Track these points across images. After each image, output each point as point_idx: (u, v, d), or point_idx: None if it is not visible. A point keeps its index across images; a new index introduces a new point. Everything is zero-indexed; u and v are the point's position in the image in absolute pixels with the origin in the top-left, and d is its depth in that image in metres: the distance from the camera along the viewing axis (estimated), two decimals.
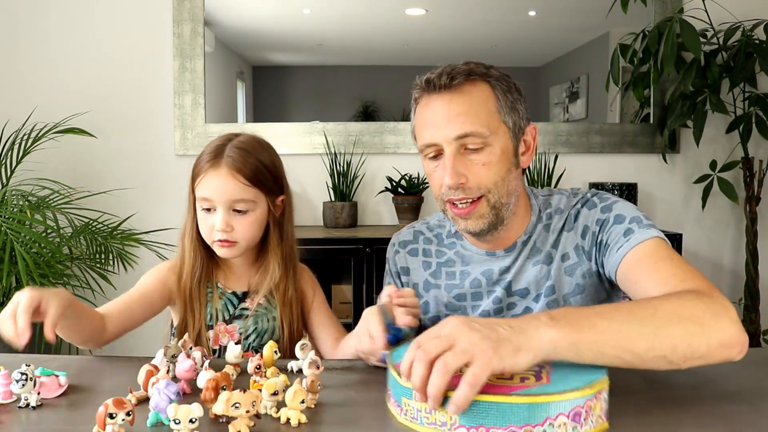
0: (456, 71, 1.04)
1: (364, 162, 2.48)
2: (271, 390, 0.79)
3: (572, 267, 1.10)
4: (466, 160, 1.03)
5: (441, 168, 1.05)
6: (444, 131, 1.03)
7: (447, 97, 1.04)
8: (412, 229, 1.26)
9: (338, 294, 2.41)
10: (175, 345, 0.95)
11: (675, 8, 2.40)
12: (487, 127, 1.03)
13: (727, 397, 0.86)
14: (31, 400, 0.83)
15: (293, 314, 1.23)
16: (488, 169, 1.03)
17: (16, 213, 1.95)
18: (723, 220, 2.51)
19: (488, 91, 1.05)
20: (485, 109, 1.04)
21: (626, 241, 1.01)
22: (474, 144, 1.03)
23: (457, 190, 1.04)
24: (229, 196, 1.13)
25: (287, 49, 2.57)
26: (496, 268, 1.14)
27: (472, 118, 1.02)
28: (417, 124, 1.09)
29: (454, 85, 1.03)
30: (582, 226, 1.10)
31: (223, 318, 1.21)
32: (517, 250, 1.13)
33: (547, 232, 1.13)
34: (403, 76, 2.60)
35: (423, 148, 1.07)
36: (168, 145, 2.46)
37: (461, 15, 2.49)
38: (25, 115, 2.27)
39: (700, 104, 2.19)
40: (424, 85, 1.06)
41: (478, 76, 1.05)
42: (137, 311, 1.15)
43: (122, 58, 2.45)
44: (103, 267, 2.22)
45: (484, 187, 1.04)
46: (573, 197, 1.14)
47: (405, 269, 1.23)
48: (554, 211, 1.14)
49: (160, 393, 0.76)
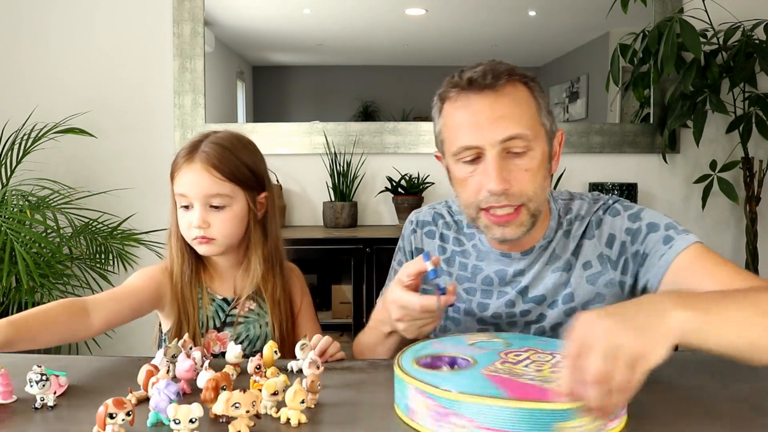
0: (498, 70, 0.98)
1: (364, 162, 2.48)
2: (271, 390, 0.79)
3: (595, 276, 1.07)
4: (510, 165, 0.98)
5: (481, 173, 0.99)
6: (488, 133, 0.96)
7: (490, 98, 0.98)
8: (433, 211, 1.21)
9: (338, 294, 2.41)
10: (175, 345, 0.95)
11: (675, 8, 2.40)
12: (531, 130, 0.98)
13: (727, 397, 0.86)
14: (49, 400, 0.83)
15: (283, 314, 1.21)
16: (531, 176, 0.99)
17: (16, 213, 1.95)
18: (723, 220, 2.51)
19: (527, 92, 1.01)
20: (528, 112, 0.99)
21: (669, 249, 0.99)
22: (518, 148, 0.98)
23: (500, 196, 0.98)
24: (204, 191, 1.12)
25: (287, 49, 2.57)
26: (510, 270, 1.10)
27: (516, 121, 0.97)
28: (450, 125, 1.02)
29: (498, 85, 0.98)
30: (607, 234, 1.07)
31: (214, 325, 1.19)
32: (535, 254, 1.09)
33: (567, 238, 1.09)
34: (403, 76, 2.62)
35: (460, 150, 0.99)
36: (168, 145, 2.46)
37: (461, 15, 2.49)
38: (25, 115, 2.27)
39: (700, 104, 2.19)
40: (466, 84, 0.99)
41: (518, 77, 1.00)
42: (126, 309, 1.11)
43: (122, 58, 2.45)
44: (103, 267, 2.22)
45: (525, 195, 0.99)
46: (594, 203, 1.11)
47: (420, 250, 1.19)
48: (575, 217, 1.10)
49: (160, 393, 0.76)
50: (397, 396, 0.80)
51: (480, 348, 0.86)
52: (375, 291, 2.14)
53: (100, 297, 1.09)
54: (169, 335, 1.18)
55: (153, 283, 1.17)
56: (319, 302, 2.42)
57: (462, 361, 0.81)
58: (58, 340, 1.02)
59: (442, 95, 1.04)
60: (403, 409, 0.78)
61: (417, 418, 0.75)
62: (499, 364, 0.78)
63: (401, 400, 0.78)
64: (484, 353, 0.83)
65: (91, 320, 1.04)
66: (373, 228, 2.40)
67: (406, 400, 0.76)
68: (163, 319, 1.23)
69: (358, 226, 2.41)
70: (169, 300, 1.18)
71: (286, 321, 1.22)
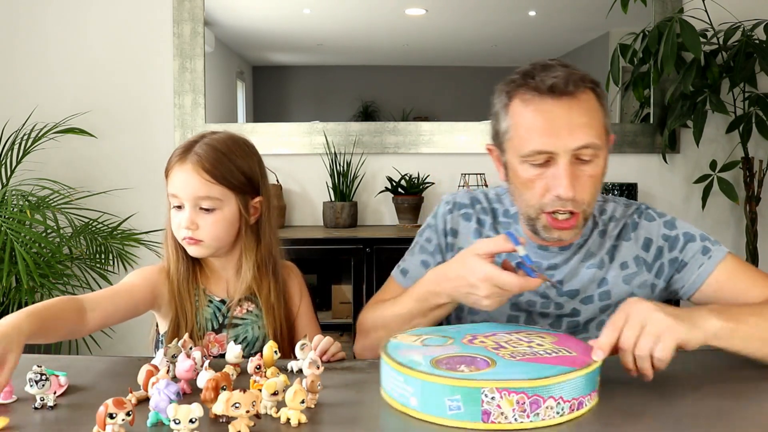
0: (575, 77, 0.99)
1: (364, 162, 2.48)
2: (271, 390, 0.79)
3: (630, 276, 1.12)
4: (578, 171, 1.00)
5: (550, 178, 1.00)
6: (564, 141, 0.98)
7: (567, 105, 0.98)
8: (470, 195, 1.22)
9: (338, 294, 2.41)
10: (175, 345, 0.94)
11: (675, 8, 2.40)
12: (600, 139, 1.00)
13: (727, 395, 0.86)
14: (48, 400, 0.83)
15: (276, 319, 1.20)
16: (593, 182, 1.02)
17: (16, 213, 1.95)
18: (723, 220, 2.51)
19: (596, 99, 1.02)
20: (598, 120, 1.01)
21: (708, 259, 1.08)
22: (587, 155, 1.00)
23: (567, 201, 1.00)
24: (194, 193, 1.12)
25: (287, 49, 2.57)
26: (544, 263, 1.13)
27: (591, 130, 0.99)
28: (521, 126, 1.02)
29: (576, 92, 0.99)
30: (643, 238, 1.13)
31: (212, 327, 1.19)
32: (572, 251, 1.13)
33: (602, 238, 1.14)
34: (403, 76, 2.62)
35: (532, 154, 1.00)
36: (168, 145, 2.45)
37: (461, 15, 2.49)
38: (25, 115, 2.27)
39: (700, 104, 2.19)
40: (547, 90, 0.99)
41: (589, 83, 1.01)
42: (122, 308, 1.10)
43: (122, 58, 2.45)
44: (103, 267, 2.22)
45: (585, 202, 1.02)
46: (627, 207, 1.16)
47: (454, 231, 1.19)
48: (609, 218, 1.15)
49: (160, 393, 0.76)
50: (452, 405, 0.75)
51: (439, 345, 0.86)
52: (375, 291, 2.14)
53: (97, 295, 1.09)
54: (167, 336, 1.18)
55: (148, 283, 1.16)
56: (319, 302, 2.42)
57: (482, 362, 0.79)
58: (60, 336, 1.02)
59: (510, 93, 1.03)
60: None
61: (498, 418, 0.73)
62: (508, 353, 0.82)
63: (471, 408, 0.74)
64: (475, 347, 0.85)
65: (86, 318, 1.03)
66: (373, 228, 2.40)
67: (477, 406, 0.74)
68: (160, 321, 1.23)
69: (358, 226, 2.41)
70: (166, 300, 1.17)
71: (281, 325, 1.21)
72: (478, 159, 2.46)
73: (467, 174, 2.36)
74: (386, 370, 0.82)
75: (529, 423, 0.73)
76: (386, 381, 0.83)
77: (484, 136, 2.47)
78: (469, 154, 2.48)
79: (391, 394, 0.81)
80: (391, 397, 0.81)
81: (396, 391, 0.80)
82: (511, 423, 0.73)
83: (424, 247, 1.22)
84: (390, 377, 0.81)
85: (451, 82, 2.58)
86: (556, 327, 1.14)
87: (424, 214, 2.45)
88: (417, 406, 0.77)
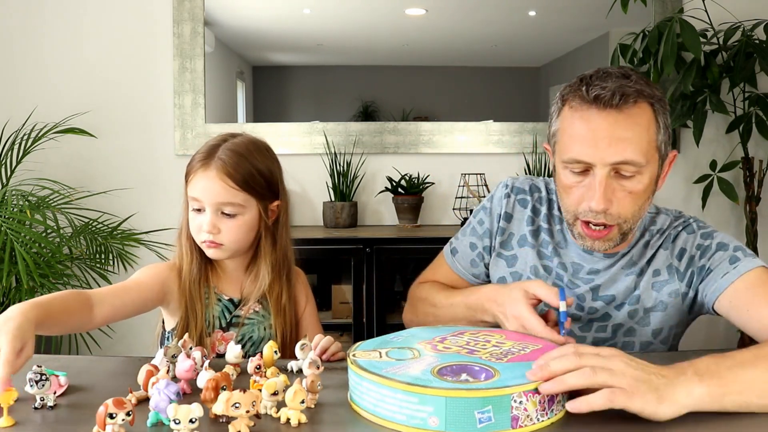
0: (627, 90, 0.97)
1: (364, 162, 2.48)
2: (271, 390, 0.79)
3: (661, 284, 1.11)
4: (615, 185, 1.00)
5: (587, 187, 1.01)
6: (602, 153, 0.97)
7: (612, 118, 0.97)
8: (531, 182, 1.23)
9: (338, 294, 2.41)
10: (175, 345, 0.94)
11: (675, 8, 2.40)
12: (644, 156, 0.99)
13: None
14: (48, 400, 0.83)
15: (286, 321, 1.21)
16: (633, 199, 1.01)
17: (16, 213, 1.95)
18: (723, 220, 2.51)
19: (651, 115, 1.00)
20: (646, 137, 0.99)
21: (733, 268, 1.03)
22: (628, 171, 0.99)
23: (599, 213, 1.00)
24: (217, 199, 1.12)
25: (287, 49, 2.57)
26: (586, 266, 1.14)
27: (633, 146, 0.97)
28: (566, 131, 1.03)
29: (623, 106, 0.97)
30: (679, 247, 1.12)
31: (219, 325, 1.19)
32: (616, 259, 1.13)
33: (645, 248, 1.13)
34: (403, 76, 2.62)
35: (571, 161, 1.01)
36: (168, 145, 2.46)
37: (461, 15, 2.49)
38: (25, 115, 2.27)
39: (700, 104, 2.19)
40: (592, 99, 0.98)
41: (645, 98, 0.99)
42: (130, 304, 1.11)
43: (122, 58, 2.45)
44: (103, 267, 2.22)
45: (623, 217, 1.02)
46: (675, 220, 1.15)
47: (508, 215, 1.20)
48: (657, 230, 1.14)
49: (160, 393, 0.76)
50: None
51: (406, 358, 0.82)
52: (375, 291, 2.14)
53: (105, 291, 1.09)
54: (175, 333, 1.18)
55: (158, 280, 1.17)
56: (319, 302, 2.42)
57: (480, 370, 0.78)
58: (65, 329, 1.03)
59: (564, 97, 1.05)
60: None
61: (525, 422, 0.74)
62: (490, 355, 0.83)
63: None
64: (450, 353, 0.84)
65: (93, 313, 1.04)
66: (373, 228, 2.40)
67: None
68: (167, 317, 1.23)
69: (358, 226, 2.41)
70: (175, 297, 1.18)
71: (290, 327, 1.22)
72: (478, 159, 2.46)
73: (467, 174, 2.36)
74: (387, 393, 0.74)
75: (547, 420, 0.75)
76: (386, 405, 0.74)
77: (484, 136, 2.49)
78: (469, 154, 2.48)
79: (397, 419, 0.74)
80: (397, 422, 0.74)
81: (404, 414, 0.73)
82: (535, 423, 0.74)
83: (475, 229, 1.23)
84: (393, 401, 0.74)
85: (451, 82, 2.58)
86: (585, 331, 1.14)
87: (424, 214, 2.45)
88: (440, 426, 0.71)
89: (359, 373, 0.79)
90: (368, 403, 0.77)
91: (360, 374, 0.78)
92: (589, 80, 1.00)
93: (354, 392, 0.81)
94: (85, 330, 1.07)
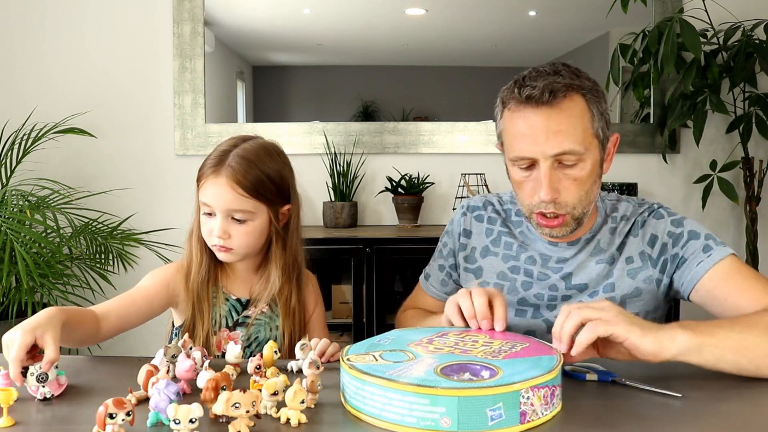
0: (556, 86, 1.04)
1: (364, 162, 2.48)
2: (271, 390, 0.79)
3: (635, 270, 1.14)
4: (560, 175, 1.06)
5: (534, 181, 1.08)
6: (542, 147, 1.04)
7: (546, 114, 1.04)
8: (484, 198, 1.31)
9: (338, 294, 2.41)
10: (175, 345, 0.95)
11: (675, 8, 2.40)
12: (582, 144, 1.05)
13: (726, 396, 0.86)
14: (47, 397, 0.84)
15: (295, 324, 1.22)
16: (579, 185, 1.07)
17: (16, 213, 1.95)
18: (723, 220, 2.51)
19: (583, 105, 1.06)
20: (581, 126, 1.05)
21: (707, 257, 1.08)
22: (569, 161, 1.05)
23: (550, 203, 1.07)
24: (227, 206, 1.13)
25: (287, 49, 2.57)
26: (554, 256, 1.18)
27: (570, 137, 1.04)
28: (508, 132, 1.10)
29: (555, 101, 1.04)
30: (649, 234, 1.15)
31: (226, 324, 1.20)
32: (580, 246, 1.17)
33: (612, 235, 1.17)
34: (403, 76, 2.62)
35: (516, 158, 1.08)
36: (168, 145, 2.46)
37: (461, 15, 2.49)
38: (25, 115, 2.27)
39: (700, 104, 2.19)
40: (524, 99, 1.05)
41: (575, 90, 1.05)
42: (136, 313, 1.14)
43: (122, 58, 2.45)
44: (103, 267, 2.22)
45: (571, 204, 1.08)
46: (639, 206, 1.19)
47: (467, 231, 1.27)
48: (621, 217, 1.18)
49: (160, 393, 0.76)
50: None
51: (402, 360, 0.81)
52: (375, 291, 2.14)
53: (107, 304, 1.12)
54: (183, 331, 1.19)
55: (164, 284, 1.19)
56: None
57: (480, 368, 0.78)
58: (79, 339, 1.04)
59: (503, 99, 1.11)
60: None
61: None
62: (484, 353, 0.84)
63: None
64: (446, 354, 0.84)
65: (101, 326, 1.07)
66: (373, 228, 2.40)
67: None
68: (176, 315, 1.25)
69: (358, 226, 2.41)
70: (183, 298, 1.19)
71: (298, 331, 1.23)
72: (478, 159, 2.46)
73: (467, 174, 2.36)
74: (395, 396, 0.73)
75: (549, 414, 0.77)
76: (394, 409, 0.73)
77: (484, 136, 2.49)
78: (469, 154, 2.48)
79: (406, 422, 0.72)
80: (407, 425, 0.72)
81: (414, 416, 0.72)
82: (540, 417, 0.75)
83: (440, 251, 1.31)
84: (402, 404, 0.72)
85: (451, 82, 2.58)
86: None
87: (424, 214, 2.45)
88: (452, 426, 0.70)
89: (361, 377, 0.77)
90: (372, 407, 0.75)
91: (362, 378, 0.76)
92: (521, 82, 1.07)
93: (354, 397, 0.78)
94: (92, 343, 1.08)
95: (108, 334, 1.08)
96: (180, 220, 1.24)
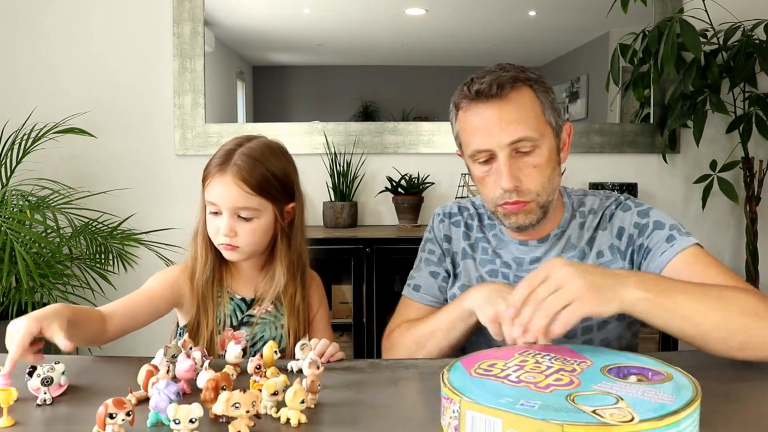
0: (503, 79, 1.07)
1: (364, 162, 2.48)
2: (271, 390, 0.79)
3: (606, 264, 1.15)
4: (520, 163, 1.08)
5: (495, 172, 1.09)
6: (497, 138, 1.07)
7: (497, 106, 1.07)
8: (458, 204, 1.32)
9: (338, 294, 2.41)
10: (175, 345, 0.95)
11: (675, 8, 2.40)
12: (536, 130, 1.08)
13: (726, 397, 0.86)
14: (48, 399, 0.84)
15: (300, 322, 1.23)
16: (539, 171, 1.09)
17: (16, 213, 1.95)
18: (723, 220, 2.51)
19: (532, 94, 1.09)
20: (533, 113, 1.08)
21: (670, 247, 1.08)
22: (525, 147, 1.07)
23: (512, 192, 1.08)
24: (233, 204, 1.14)
25: (287, 49, 2.57)
26: (527, 257, 1.19)
27: (523, 124, 1.06)
28: (464, 130, 1.13)
29: (503, 93, 1.07)
30: (617, 227, 1.16)
31: (231, 323, 1.21)
32: (550, 242, 1.18)
33: (581, 229, 1.18)
34: (403, 76, 2.62)
35: (474, 153, 1.10)
36: (168, 145, 2.46)
37: (461, 15, 2.49)
38: (25, 115, 2.27)
39: (700, 104, 2.19)
40: (474, 95, 1.08)
41: (522, 82, 1.09)
42: (141, 314, 1.14)
43: (122, 58, 2.45)
44: (103, 267, 2.22)
45: (534, 191, 1.09)
46: (606, 199, 1.20)
47: (448, 237, 1.28)
48: (588, 211, 1.20)
49: (160, 393, 0.76)
50: None
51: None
52: (375, 291, 2.14)
53: (114, 304, 1.12)
54: (188, 331, 1.20)
55: (168, 285, 1.19)
56: None
57: None
58: (85, 337, 1.04)
59: (456, 103, 1.14)
60: None
61: None
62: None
63: None
64: None
65: (107, 326, 1.07)
66: (373, 228, 2.40)
67: None
68: (180, 315, 1.25)
69: (358, 226, 2.41)
70: (188, 298, 1.20)
71: (303, 329, 1.23)
72: None
73: (467, 174, 2.36)
74: None
75: None
76: None
77: None
78: None
79: None
80: None
81: None
82: None
83: (429, 259, 1.29)
84: None
85: (451, 82, 2.56)
86: None
87: (424, 214, 2.45)
88: None
89: None
90: None
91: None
92: (470, 82, 1.11)
93: None
94: (98, 344, 1.09)
95: (114, 335, 1.09)
96: (180, 220, 1.25)
